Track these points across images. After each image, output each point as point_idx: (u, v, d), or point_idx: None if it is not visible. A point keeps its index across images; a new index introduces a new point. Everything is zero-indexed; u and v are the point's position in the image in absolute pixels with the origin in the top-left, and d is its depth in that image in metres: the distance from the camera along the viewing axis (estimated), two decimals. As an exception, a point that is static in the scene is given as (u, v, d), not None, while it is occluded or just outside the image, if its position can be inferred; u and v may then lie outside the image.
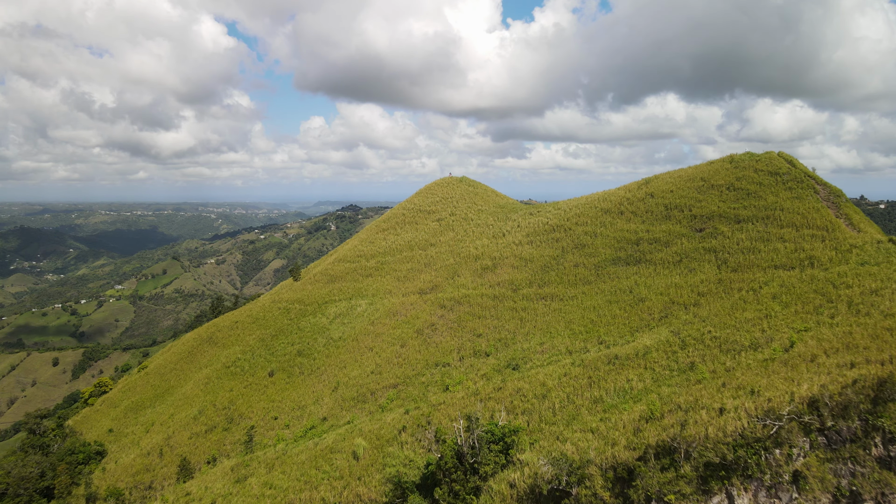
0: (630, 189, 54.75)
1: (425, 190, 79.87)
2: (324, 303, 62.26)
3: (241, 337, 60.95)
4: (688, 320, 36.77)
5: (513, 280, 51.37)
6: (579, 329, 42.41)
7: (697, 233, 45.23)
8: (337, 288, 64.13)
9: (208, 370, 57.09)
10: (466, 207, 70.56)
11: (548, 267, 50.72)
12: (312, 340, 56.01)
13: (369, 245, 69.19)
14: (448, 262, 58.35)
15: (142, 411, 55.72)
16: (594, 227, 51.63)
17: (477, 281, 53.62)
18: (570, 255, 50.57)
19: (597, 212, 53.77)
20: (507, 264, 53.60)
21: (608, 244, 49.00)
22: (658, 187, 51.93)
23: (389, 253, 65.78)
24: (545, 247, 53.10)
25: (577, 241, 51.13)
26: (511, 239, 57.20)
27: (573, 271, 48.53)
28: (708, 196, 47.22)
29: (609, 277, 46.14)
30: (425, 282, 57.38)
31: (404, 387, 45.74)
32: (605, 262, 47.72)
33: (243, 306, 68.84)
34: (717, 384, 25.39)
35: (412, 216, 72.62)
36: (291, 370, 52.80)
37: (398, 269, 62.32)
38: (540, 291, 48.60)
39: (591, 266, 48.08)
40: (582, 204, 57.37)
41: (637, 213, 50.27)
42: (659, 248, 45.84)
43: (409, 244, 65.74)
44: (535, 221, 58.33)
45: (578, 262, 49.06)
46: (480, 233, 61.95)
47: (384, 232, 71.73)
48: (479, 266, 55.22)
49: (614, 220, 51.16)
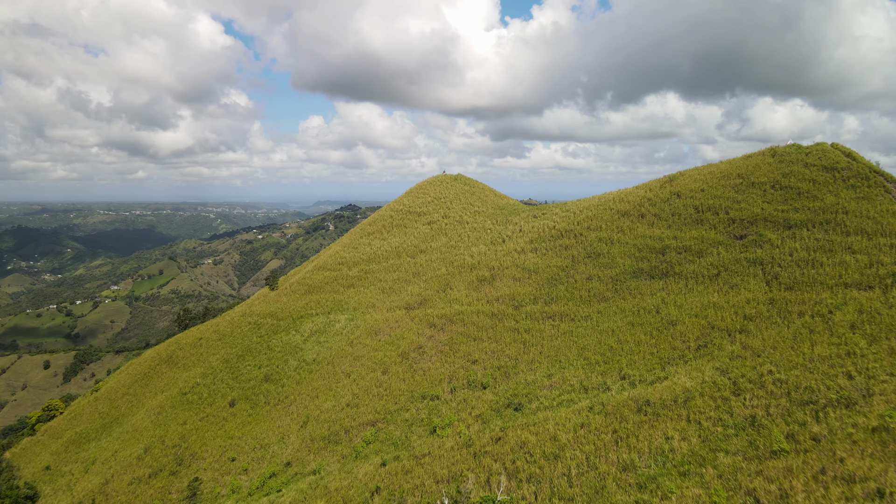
0: (651, 188, 47.04)
1: (416, 189, 72.25)
2: (299, 317, 54.69)
3: (204, 357, 53.40)
4: (735, 353, 29.12)
5: (514, 295, 43.75)
6: (595, 358, 34.80)
7: (737, 240, 37.54)
8: (314, 300, 56.54)
9: (163, 397, 49.54)
10: (461, 209, 62.96)
11: (555, 280, 43.08)
12: (283, 363, 48.45)
13: (352, 251, 61.63)
14: (439, 272, 50.76)
15: (85, 444, 48.28)
16: (610, 233, 43.97)
17: (472, 295, 46.01)
18: (581, 265, 42.91)
19: (612, 214, 46.11)
20: (507, 276, 45.98)
21: (627, 253, 41.35)
22: (685, 186, 44.24)
23: (374, 260, 58.20)
24: (552, 255, 45.45)
25: (591, 250, 43.47)
26: (512, 246, 49.57)
27: (586, 285, 40.89)
28: (748, 196, 39.51)
29: (630, 293, 38.49)
30: (413, 295, 49.79)
31: (384, 425, 38.16)
32: (624, 274, 40.08)
33: (212, 319, 61.37)
34: (808, 466, 17.85)
35: (401, 218, 65.02)
36: (256, 399, 45.23)
37: (383, 279, 54.73)
38: (546, 309, 40.98)
39: (608, 279, 40.44)
40: (594, 205, 49.68)
41: (661, 215, 42.59)
42: (690, 259, 38.18)
43: (396, 250, 58.16)
44: (539, 225, 50.70)
45: (592, 275, 41.41)
46: (477, 238, 54.37)
47: (370, 236, 64.14)
48: (475, 277, 47.61)
49: (634, 224, 43.48)
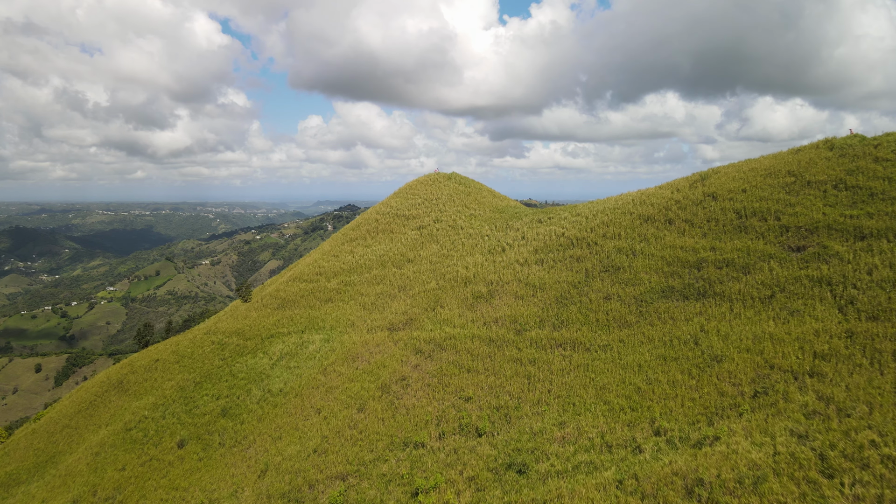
0: (678, 188, 39.77)
1: (405, 189, 65.06)
2: (268, 336, 47.56)
3: (158, 383, 46.30)
4: (811, 407, 21.89)
5: (516, 316, 36.57)
6: (619, 401, 27.62)
7: (794, 253, 30.29)
8: (287, 316, 49.42)
9: (106, 432, 42.44)
10: (455, 212, 55.76)
11: (566, 298, 35.87)
12: (245, 393, 41.33)
13: (332, 260, 54.49)
14: (429, 287, 43.61)
15: (13, 489, 41.29)
16: (631, 242, 36.74)
17: (466, 315, 38.83)
18: (597, 281, 35.69)
19: (633, 220, 38.89)
20: (507, 292, 38.79)
21: (654, 267, 34.12)
22: (721, 186, 36.96)
23: (356, 270, 51.05)
24: (561, 269, 38.26)
25: (608, 262, 36.25)
26: (513, 256, 42.40)
27: (603, 306, 33.68)
28: (804, 198, 32.24)
29: (659, 318, 31.28)
30: (398, 313, 42.62)
31: (356, 480, 30.97)
32: (650, 293, 32.87)
33: (173, 337, 54.35)
34: None
35: (387, 222, 57.87)
36: (210, 439, 38.10)
37: (365, 293, 47.58)
38: (555, 335, 33.79)
39: (631, 299, 33.22)
40: (610, 208, 42.42)
41: (694, 221, 35.34)
42: (734, 276, 30.94)
43: (380, 259, 51.03)
44: (545, 232, 43.53)
45: (611, 294, 34.18)
46: (472, 246, 47.23)
47: (352, 242, 56.99)
48: (470, 293, 40.43)
49: (660, 231, 36.25)
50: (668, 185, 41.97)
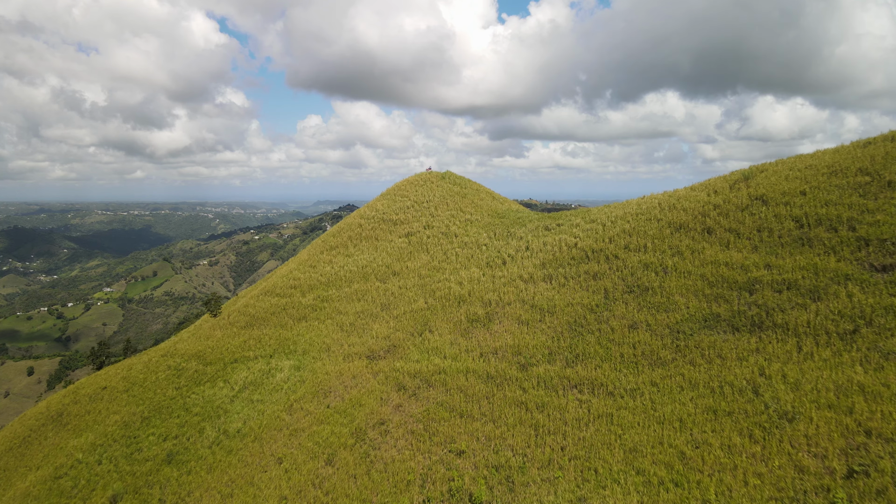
0: (716, 189, 32.99)
1: (394, 190, 58.34)
2: (232, 361, 40.99)
3: (102, 416, 39.76)
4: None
5: (520, 346, 29.91)
6: (657, 471, 20.97)
7: (879, 273, 23.58)
8: (255, 337, 42.82)
9: (34, 477, 35.88)
10: (449, 216, 49.08)
11: (581, 326, 29.19)
12: (197, 433, 34.76)
13: (309, 271, 47.92)
14: (416, 306, 37.01)
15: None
16: (661, 257, 30.02)
17: (459, 343, 32.17)
18: (619, 305, 28.98)
19: (661, 228, 32.16)
20: (509, 315, 32.12)
21: (692, 288, 27.42)
22: (772, 187, 30.20)
23: (335, 284, 44.45)
24: (574, 287, 31.56)
25: (633, 281, 29.55)
26: (516, 270, 35.75)
27: (629, 337, 27.02)
28: (886, 203, 25.50)
29: (702, 355, 24.61)
30: (379, 337, 36.00)
31: (317, 562, 24.48)
32: (689, 322, 26.19)
33: (127, 359, 47.86)
34: None
35: (372, 228, 51.26)
36: (148, 494, 31.51)
37: (344, 311, 40.97)
38: (569, 373, 27.15)
39: (664, 329, 26.55)
40: (631, 214, 35.65)
41: (741, 231, 28.61)
42: (799, 303, 24.25)
43: (362, 271, 44.43)
44: (554, 242, 36.83)
45: (638, 321, 27.50)
46: (468, 257, 40.63)
47: (332, 251, 50.36)
48: (465, 315, 33.78)
49: (697, 243, 29.51)
50: (701, 186, 35.17)
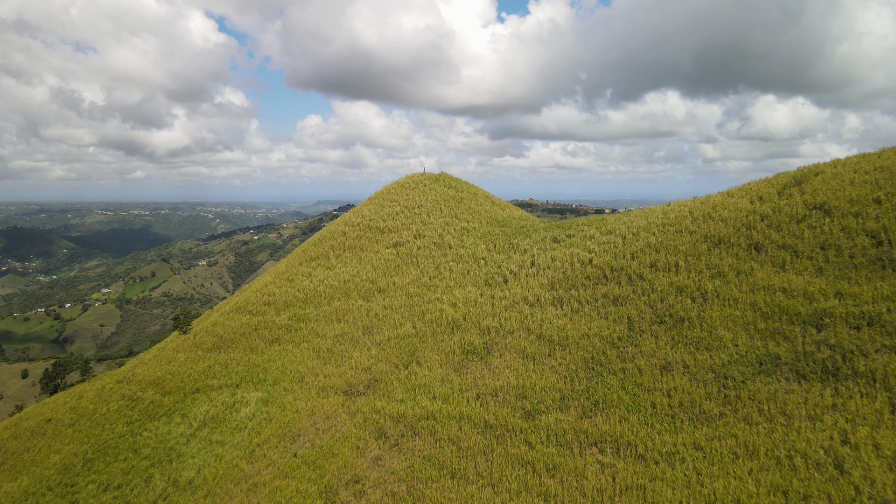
0: (761, 195, 27.46)
1: (383, 194, 52.78)
2: (193, 391, 35.68)
3: (42, 455, 34.47)
4: None
5: (525, 387, 24.52)
6: (708, 578, 15.62)
7: None
8: (222, 362, 37.52)
9: (-45, 533, 30.67)
10: (443, 224, 43.61)
11: (600, 364, 23.78)
12: (143, 483, 29.44)
13: (286, 285, 42.59)
14: (403, 331, 31.65)
15: None
16: (698, 279, 24.57)
17: (452, 379, 26.80)
18: (648, 338, 23.56)
19: (695, 242, 26.73)
20: (511, 347, 26.72)
21: (740, 321, 21.99)
22: (833, 193, 24.73)
23: (313, 301, 39.12)
24: (591, 314, 26.14)
25: (664, 309, 24.13)
26: (519, 291, 30.33)
27: (662, 382, 21.61)
28: None
29: (760, 411, 19.20)
30: (359, 368, 30.64)
31: None
32: (740, 365, 20.77)
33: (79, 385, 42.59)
34: None
35: (357, 237, 45.84)
36: (77, 561, 26.27)
37: (321, 333, 35.63)
38: (586, 426, 21.75)
39: (707, 373, 21.13)
40: (656, 224, 30.14)
41: (798, 249, 23.18)
42: (886, 345, 18.82)
43: (344, 287, 39.10)
44: (564, 257, 31.38)
45: (672, 361, 22.09)
46: (463, 273, 35.24)
47: (311, 263, 44.98)
48: (458, 345, 28.41)
49: (743, 262, 24.07)
50: (739, 191, 29.62)
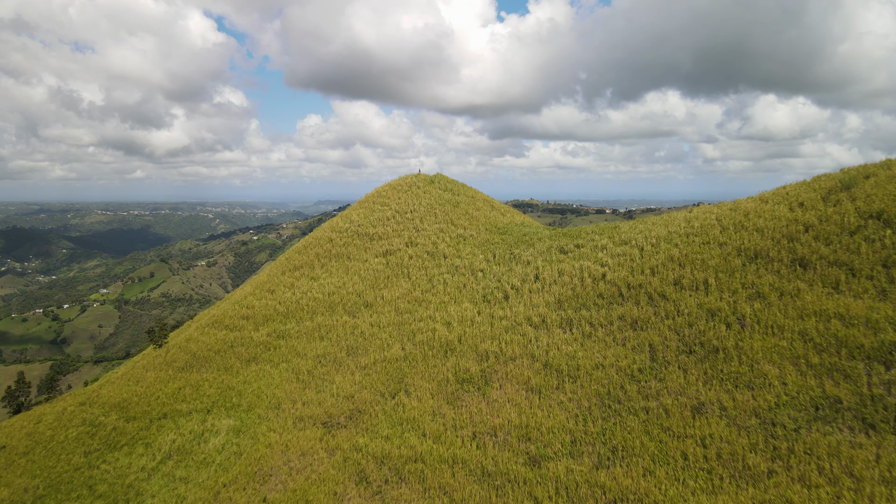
0: (802, 200, 23.81)
1: (374, 197, 49.04)
2: (160, 416, 32.16)
3: (-9, 489, 31.01)
4: None
5: (528, 426, 20.94)
6: None
7: None
8: (193, 382, 33.97)
9: None
10: (437, 231, 39.91)
11: (617, 400, 20.18)
12: (95, 526, 25.95)
13: (266, 297, 39.01)
14: (390, 353, 28.10)
15: None
16: (733, 300, 20.96)
17: (444, 413, 23.22)
18: (675, 371, 19.96)
19: (727, 255, 23.12)
20: (513, 377, 23.14)
21: (787, 354, 18.39)
22: (892, 199, 21.11)
23: (294, 315, 35.55)
24: (605, 339, 22.55)
25: (693, 336, 20.53)
26: (522, 309, 26.74)
27: (694, 426, 18.03)
28: None
29: (820, 469, 15.63)
30: (341, 396, 27.08)
31: None
32: (789, 408, 17.19)
33: (38, 407, 39.10)
34: None
35: (344, 244, 42.19)
36: None
37: (302, 352, 32.09)
38: (602, 479, 18.16)
39: (749, 416, 17.55)
40: (679, 233, 26.49)
41: (854, 266, 19.57)
42: (978, 389, 15.26)
43: (328, 299, 35.53)
44: (572, 270, 27.70)
45: (705, 401, 18.50)
46: (459, 287, 31.63)
47: (295, 272, 41.36)
48: (453, 372, 24.85)
49: (787, 282, 20.46)
50: (774, 195, 25.92)
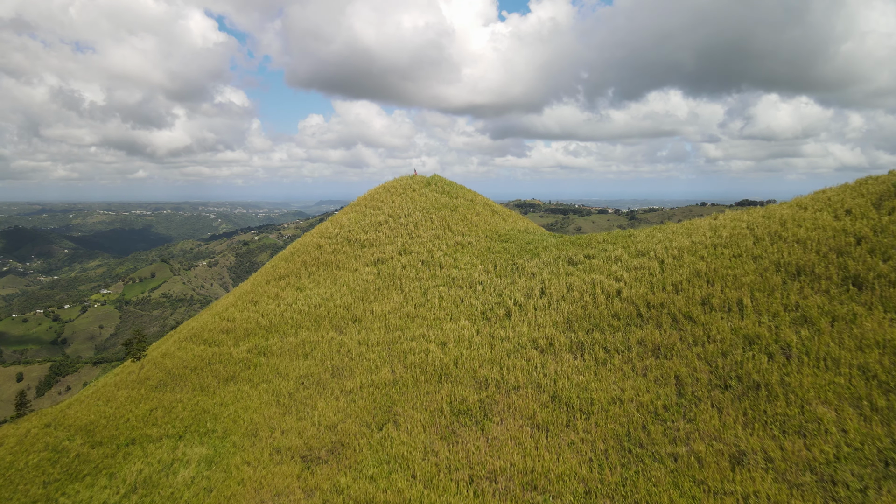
0: (848, 207, 20.70)
1: (366, 200, 45.92)
2: (128, 442, 29.29)
3: (-60, 524, 28.23)
4: None
5: (534, 471, 17.94)
6: None
7: None
8: (166, 404, 31.09)
9: None
10: (433, 238, 36.80)
11: (639, 443, 17.19)
12: (46, 572, 23.07)
13: (249, 308, 36.05)
14: (379, 377, 25.17)
15: None
16: (774, 324, 17.95)
17: (438, 451, 20.26)
18: (706, 409, 16.96)
19: (763, 271, 20.10)
20: (516, 410, 20.16)
21: (846, 394, 15.38)
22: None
23: (278, 330, 32.62)
24: (622, 368, 19.55)
25: (728, 368, 17.53)
26: (526, 329, 23.77)
27: (733, 481, 15.01)
28: None
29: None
30: (323, 425, 24.15)
31: None
32: (852, 462, 14.18)
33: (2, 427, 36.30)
34: None
35: (333, 251, 39.18)
36: None
37: (284, 371, 29.17)
38: (624, 544, 15.16)
39: (802, 470, 14.56)
40: (705, 244, 23.43)
41: (923, 286, 16.61)
42: None
43: (314, 313, 32.58)
44: (583, 285, 24.63)
45: (747, 449, 15.49)
46: (456, 301, 28.65)
47: (280, 281, 38.37)
48: (448, 401, 21.88)
49: (839, 305, 17.45)
50: (813, 200, 22.86)
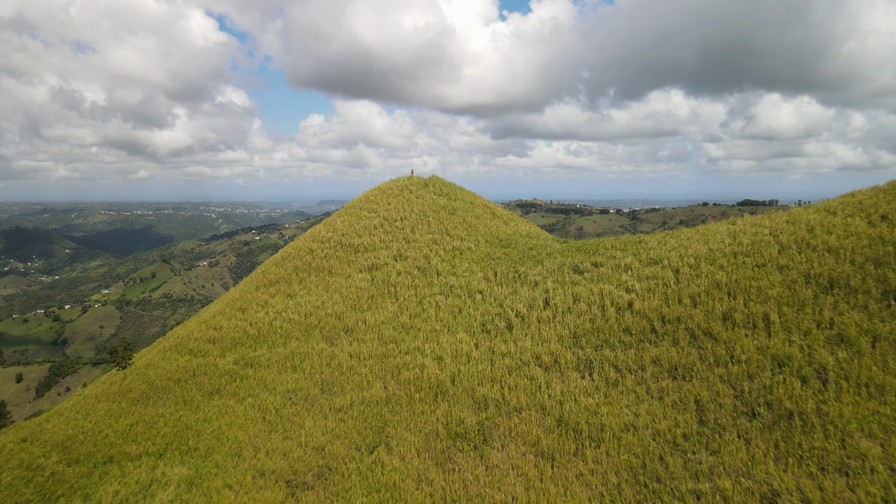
0: (884, 212, 18.90)
1: (361, 202, 44.06)
2: (106, 460, 27.57)
3: None
4: None
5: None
6: None
7: None
8: (147, 418, 29.36)
9: None
10: (430, 242, 34.92)
11: (656, 478, 15.38)
12: None
13: (237, 316, 34.23)
14: (371, 394, 23.37)
15: None
16: (807, 343, 16.14)
17: (432, 480, 18.47)
18: (732, 440, 15.12)
19: (791, 283, 18.28)
20: (518, 435, 18.37)
21: (891, 426, 13.55)
22: None
23: (266, 339, 30.83)
24: (636, 390, 17.75)
25: (756, 393, 15.69)
26: (529, 343, 21.93)
27: (767, 527, 13.21)
28: None
29: None
30: (309, 446, 22.38)
31: None
32: (904, 510, 12.38)
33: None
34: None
35: (325, 256, 37.34)
36: None
37: (271, 385, 27.41)
38: None
39: (845, 518, 12.75)
40: (724, 252, 21.57)
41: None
42: None
43: (305, 321, 30.77)
44: (590, 296, 22.74)
45: (781, 488, 13.67)
46: (453, 312, 26.82)
47: (270, 288, 36.57)
48: (444, 423, 20.10)
49: (880, 321, 15.59)
50: (842, 204, 20.98)
